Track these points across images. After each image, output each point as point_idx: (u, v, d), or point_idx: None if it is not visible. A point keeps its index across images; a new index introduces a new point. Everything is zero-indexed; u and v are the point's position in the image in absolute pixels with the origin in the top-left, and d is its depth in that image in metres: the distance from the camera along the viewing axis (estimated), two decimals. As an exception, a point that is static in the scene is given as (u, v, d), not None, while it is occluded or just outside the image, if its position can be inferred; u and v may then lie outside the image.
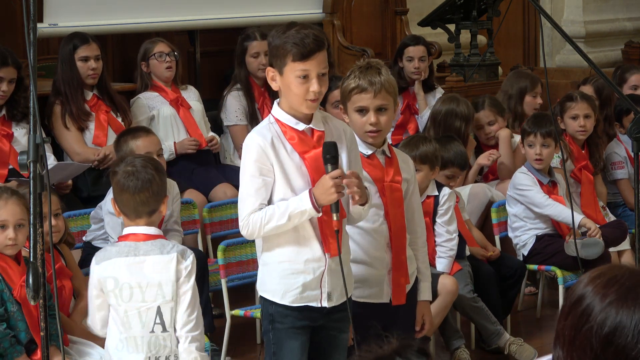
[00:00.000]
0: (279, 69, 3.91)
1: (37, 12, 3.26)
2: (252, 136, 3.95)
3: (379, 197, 4.31)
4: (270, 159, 3.89)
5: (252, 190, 3.90)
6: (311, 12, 8.85)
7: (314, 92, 3.86)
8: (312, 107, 3.91)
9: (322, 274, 3.96)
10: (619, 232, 6.58)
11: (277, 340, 4.01)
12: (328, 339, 4.07)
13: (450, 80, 8.84)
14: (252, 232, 3.92)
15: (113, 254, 4.25)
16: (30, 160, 3.20)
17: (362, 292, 4.34)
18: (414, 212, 4.45)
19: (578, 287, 1.99)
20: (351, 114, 4.35)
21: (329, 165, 3.87)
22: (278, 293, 3.99)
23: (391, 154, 4.38)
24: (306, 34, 3.86)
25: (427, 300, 4.55)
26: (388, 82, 4.30)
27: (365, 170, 4.29)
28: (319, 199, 3.84)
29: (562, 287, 6.28)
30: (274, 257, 3.99)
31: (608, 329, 1.92)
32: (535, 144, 6.46)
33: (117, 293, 4.21)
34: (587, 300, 1.96)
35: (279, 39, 3.90)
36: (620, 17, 11.60)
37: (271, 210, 3.87)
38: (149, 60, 7.03)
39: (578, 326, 1.96)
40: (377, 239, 4.32)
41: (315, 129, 3.95)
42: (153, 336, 4.22)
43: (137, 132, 5.91)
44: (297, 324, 4.00)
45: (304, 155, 3.92)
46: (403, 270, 4.36)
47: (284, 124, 3.94)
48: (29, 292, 3.21)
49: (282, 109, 3.96)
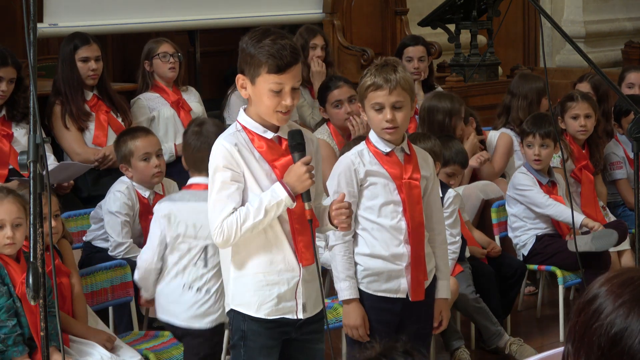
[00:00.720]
0: (250, 77, 3.83)
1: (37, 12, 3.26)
2: (220, 142, 3.86)
3: (397, 194, 4.32)
4: (240, 165, 3.82)
5: (224, 197, 3.81)
6: (311, 12, 8.85)
7: (286, 105, 3.80)
8: (283, 119, 3.85)
9: (296, 285, 3.92)
10: (619, 232, 6.58)
11: (249, 358, 3.95)
12: (303, 350, 4.03)
13: (450, 80, 8.84)
14: (229, 237, 3.81)
15: (177, 199, 4.90)
16: (30, 160, 3.20)
17: (379, 285, 4.36)
18: (432, 209, 4.44)
19: (594, 286, 2.01)
20: (368, 111, 4.35)
21: (296, 154, 3.83)
22: (253, 306, 3.92)
23: (410, 152, 4.38)
24: (283, 46, 3.77)
25: (446, 298, 4.54)
26: (404, 79, 4.30)
27: (384, 167, 4.31)
28: (294, 186, 3.79)
29: (562, 287, 6.28)
30: (247, 269, 3.93)
31: (616, 329, 1.93)
32: (534, 144, 6.46)
33: (174, 228, 4.80)
34: (600, 299, 1.97)
35: (253, 48, 3.80)
36: (620, 17, 11.61)
37: (244, 210, 3.80)
38: (153, 60, 7.04)
39: (589, 324, 1.97)
40: (395, 235, 4.33)
41: (283, 138, 3.89)
42: (195, 269, 4.80)
43: (136, 132, 5.92)
44: (269, 343, 3.95)
45: (273, 163, 3.85)
46: (421, 267, 4.36)
47: (252, 132, 3.87)
48: (29, 292, 3.21)
49: (249, 116, 3.90)
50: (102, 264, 5.38)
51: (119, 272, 5.37)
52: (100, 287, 5.28)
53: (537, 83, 7.34)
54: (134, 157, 5.74)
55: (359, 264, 4.37)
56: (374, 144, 4.36)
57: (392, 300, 4.37)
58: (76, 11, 7.57)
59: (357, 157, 4.34)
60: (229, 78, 8.26)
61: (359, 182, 4.33)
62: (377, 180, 4.32)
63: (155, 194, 5.86)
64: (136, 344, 5.14)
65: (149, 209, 5.83)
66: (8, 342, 4.46)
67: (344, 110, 6.84)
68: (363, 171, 4.32)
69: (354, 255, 4.36)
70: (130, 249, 5.72)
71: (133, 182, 5.80)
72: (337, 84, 6.90)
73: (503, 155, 7.22)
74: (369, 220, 4.33)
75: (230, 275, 3.99)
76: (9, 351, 4.46)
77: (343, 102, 6.83)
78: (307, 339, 4.01)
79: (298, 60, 3.83)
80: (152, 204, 5.84)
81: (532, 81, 7.38)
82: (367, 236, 4.34)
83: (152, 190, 5.85)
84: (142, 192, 5.82)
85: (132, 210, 5.77)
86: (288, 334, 3.98)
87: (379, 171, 4.33)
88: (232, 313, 4.00)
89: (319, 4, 8.88)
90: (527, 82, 7.38)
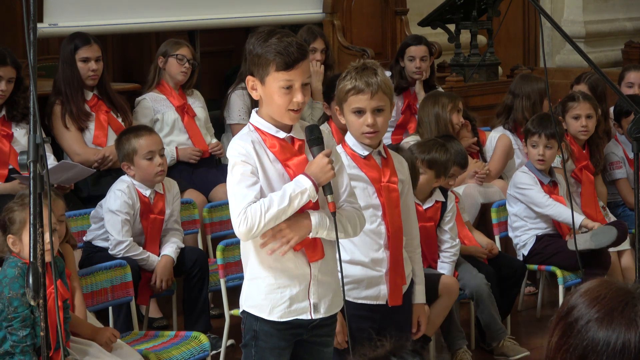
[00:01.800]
0: (260, 78, 3.81)
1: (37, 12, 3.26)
2: (235, 141, 3.85)
3: (376, 197, 4.29)
4: (255, 162, 3.80)
5: (244, 187, 3.76)
6: (311, 12, 8.85)
7: (298, 102, 3.78)
8: (294, 118, 3.83)
9: (308, 284, 3.89)
10: (619, 232, 6.58)
11: (260, 358, 3.94)
12: (312, 352, 4.01)
13: (450, 80, 8.84)
14: (252, 225, 3.71)
15: None
16: (30, 160, 3.20)
17: (359, 293, 4.33)
18: (408, 213, 4.43)
19: (569, 300, 2.05)
20: (348, 115, 4.30)
21: (315, 147, 3.81)
22: (265, 309, 3.89)
23: (387, 155, 4.36)
24: (289, 43, 3.76)
25: (422, 303, 4.55)
26: (384, 83, 4.26)
27: (363, 171, 4.28)
28: (318, 177, 3.76)
29: (562, 287, 6.28)
30: (259, 272, 3.89)
31: (585, 344, 1.97)
32: (539, 144, 6.46)
33: None
34: (574, 314, 2.02)
35: (260, 48, 3.79)
36: (620, 17, 11.61)
37: (268, 198, 3.75)
38: (169, 58, 7.05)
39: (563, 337, 2.01)
40: (375, 240, 4.31)
41: (295, 138, 3.87)
42: None
43: (139, 130, 5.93)
44: (281, 344, 3.93)
45: (286, 163, 3.83)
46: (400, 271, 4.34)
47: (264, 132, 3.85)
48: (29, 292, 3.21)
49: (261, 117, 3.87)
50: (102, 264, 5.38)
51: (119, 272, 5.37)
52: (100, 287, 5.29)
53: (539, 84, 7.34)
54: (137, 155, 5.75)
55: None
56: (351, 147, 4.31)
57: (371, 307, 4.34)
58: (76, 11, 7.57)
59: None
60: (229, 78, 8.27)
61: None
62: (356, 184, 4.23)
63: (156, 193, 5.87)
64: (136, 344, 5.14)
65: (150, 207, 5.84)
66: (16, 350, 4.49)
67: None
68: None
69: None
70: (130, 247, 5.72)
71: (134, 181, 5.81)
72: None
73: (501, 158, 7.22)
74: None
75: (246, 274, 3.97)
76: (15, 358, 4.49)
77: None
78: (318, 341, 3.99)
79: (306, 55, 3.82)
80: (152, 203, 5.85)
81: (534, 82, 7.38)
82: (346, 242, 4.23)
83: (152, 189, 5.85)
84: (143, 191, 5.82)
85: (132, 209, 5.78)
86: (300, 336, 3.95)
87: (358, 174, 4.28)
88: (245, 313, 3.98)
89: (319, 4, 8.88)
90: (529, 83, 7.37)
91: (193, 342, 5.19)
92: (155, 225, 5.87)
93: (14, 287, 4.48)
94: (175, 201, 6.00)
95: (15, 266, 4.52)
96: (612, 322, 1.97)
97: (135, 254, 5.73)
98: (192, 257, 5.91)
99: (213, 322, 6.11)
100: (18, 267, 4.51)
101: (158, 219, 5.87)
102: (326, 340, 4.02)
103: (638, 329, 1.95)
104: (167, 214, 5.92)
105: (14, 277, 4.49)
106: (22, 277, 4.48)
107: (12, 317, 4.47)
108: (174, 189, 6.00)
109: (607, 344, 1.95)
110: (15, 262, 4.53)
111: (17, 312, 4.47)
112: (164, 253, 5.82)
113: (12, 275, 4.49)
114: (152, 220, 5.85)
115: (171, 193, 5.98)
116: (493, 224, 6.63)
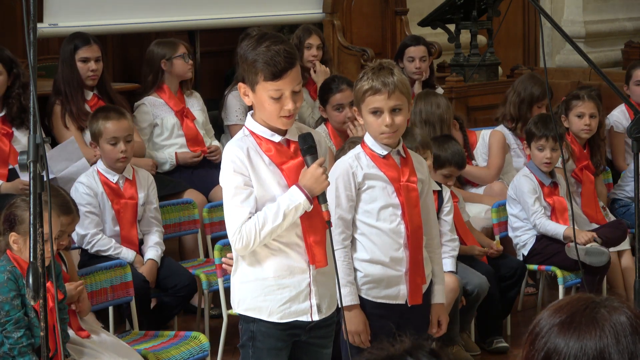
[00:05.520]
0: (250, 85, 3.83)
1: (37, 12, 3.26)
2: (230, 148, 3.86)
3: (395, 197, 4.28)
4: (248, 170, 3.81)
5: (239, 202, 3.80)
6: (311, 12, 8.85)
7: (289, 109, 3.79)
8: (287, 123, 3.83)
9: (308, 286, 3.89)
10: (619, 232, 6.58)
11: (257, 359, 3.93)
12: (310, 354, 4.01)
13: (450, 80, 8.82)
14: (248, 242, 3.78)
15: None
16: (30, 160, 3.20)
17: (378, 292, 4.32)
18: (428, 213, 4.41)
19: (541, 313, 2.09)
20: (365, 116, 4.30)
21: (308, 157, 3.82)
22: (264, 311, 3.89)
23: (406, 154, 4.35)
24: (277, 52, 3.75)
25: (442, 302, 4.51)
26: (401, 82, 4.26)
27: (382, 170, 4.28)
28: (312, 188, 3.78)
29: (562, 287, 6.28)
30: (256, 273, 3.89)
31: (547, 349, 2.01)
32: (545, 147, 6.42)
33: None
34: (540, 324, 2.06)
35: (249, 54, 3.80)
36: (620, 17, 11.60)
37: (262, 214, 3.78)
38: (174, 60, 7.04)
39: (530, 349, 2.06)
40: (395, 239, 4.29)
41: (291, 140, 3.88)
42: None
43: (109, 112, 5.94)
44: (279, 345, 3.93)
45: (282, 167, 3.84)
46: (420, 270, 4.32)
47: (259, 136, 3.85)
48: (29, 292, 3.21)
49: (256, 121, 3.88)
50: (102, 264, 5.38)
51: (119, 272, 5.37)
52: (100, 287, 5.29)
53: (537, 88, 7.29)
54: (102, 138, 5.80)
55: (359, 270, 4.30)
56: (370, 147, 4.31)
57: (391, 307, 4.34)
58: (76, 11, 7.57)
59: (354, 160, 4.30)
60: (229, 78, 8.26)
61: (357, 186, 4.28)
62: (376, 184, 4.27)
63: (125, 179, 5.86)
64: (136, 344, 5.14)
65: (119, 192, 5.83)
66: (14, 352, 4.49)
67: (344, 114, 6.85)
68: (361, 174, 4.27)
69: (353, 261, 4.30)
70: (97, 240, 5.70)
71: (99, 167, 5.83)
72: (340, 87, 6.90)
73: (499, 153, 7.18)
74: (368, 225, 4.28)
75: (234, 278, 3.96)
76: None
77: (344, 106, 6.83)
78: (316, 342, 3.99)
79: (294, 64, 3.80)
80: (122, 189, 5.84)
81: (533, 84, 7.34)
82: (366, 241, 4.28)
83: (121, 175, 5.86)
84: (110, 177, 5.83)
85: (94, 198, 5.77)
86: (298, 337, 3.95)
87: (377, 174, 4.29)
88: (241, 316, 3.98)
89: (319, 4, 8.88)
90: (529, 83, 7.36)
91: (192, 342, 5.20)
92: (128, 209, 5.85)
93: (4, 291, 4.49)
94: (151, 190, 5.98)
95: (4, 271, 4.51)
96: (573, 324, 2.00)
97: (104, 249, 5.71)
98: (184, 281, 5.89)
99: (211, 322, 6.12)
100: (7, 272, 4.50)
101: (130, 203, 5.86)
102: (324, 342, 4.02)
103: (598, 330, 1.98)
104: (141, 198, 5.89)
105: (3, 282, 4.49)
106: (12, 281, 4.48)
107: (5, 321, 4.48)
108: (147, 178, 5.99)
109: (568, 346, 1.99)
110: (4, 267, 4.52)
111: (10, 316, 4.48)
112: (148, 257, 5.82)
113: (2, 280, 4.49)
114: (124, 204, 5.84)
115: (144, 179, 5.96)
116: (493, 224, 6.63)
